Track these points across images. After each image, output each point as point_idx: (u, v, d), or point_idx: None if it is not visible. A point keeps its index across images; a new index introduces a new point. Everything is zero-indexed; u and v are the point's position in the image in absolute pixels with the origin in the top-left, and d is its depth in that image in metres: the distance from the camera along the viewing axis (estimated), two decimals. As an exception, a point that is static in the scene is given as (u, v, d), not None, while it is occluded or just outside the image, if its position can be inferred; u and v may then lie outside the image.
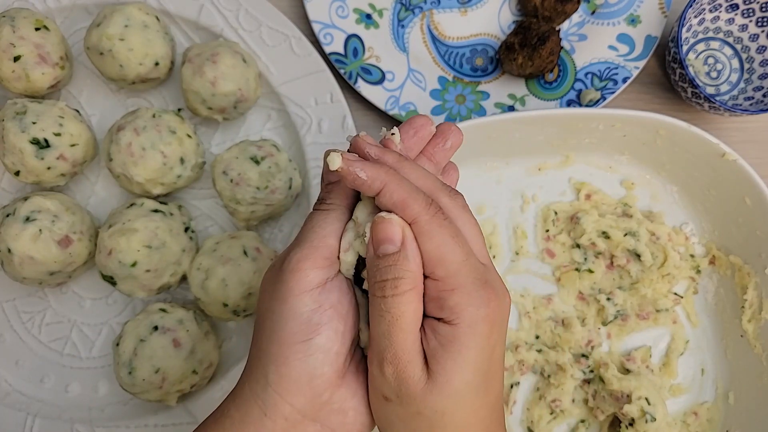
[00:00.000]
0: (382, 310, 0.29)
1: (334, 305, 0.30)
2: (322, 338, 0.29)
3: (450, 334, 0.29)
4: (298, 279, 0.30)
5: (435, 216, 0.30)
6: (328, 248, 0.31)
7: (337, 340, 0.30)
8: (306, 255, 0.31)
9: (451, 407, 0.29)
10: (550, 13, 0.61)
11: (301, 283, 0.30)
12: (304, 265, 0.30)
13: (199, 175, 0.58)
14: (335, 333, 0.30)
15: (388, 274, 0.29)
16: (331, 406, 0.30)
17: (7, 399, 0.56)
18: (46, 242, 0.51)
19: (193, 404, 0.55)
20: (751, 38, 0.64)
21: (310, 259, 0.30)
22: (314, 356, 0.29)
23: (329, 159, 0.30)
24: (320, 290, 0.30)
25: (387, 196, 0.30)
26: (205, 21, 0.59)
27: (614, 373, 0.55)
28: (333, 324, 0.30)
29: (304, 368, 0.29)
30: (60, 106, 0.54)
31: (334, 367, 0.30)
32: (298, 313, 0.30)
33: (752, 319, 0.56)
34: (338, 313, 0.30)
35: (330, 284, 0.31)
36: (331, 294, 0.30)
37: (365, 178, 0.30)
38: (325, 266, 0.31)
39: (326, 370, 0.30)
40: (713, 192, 0.58)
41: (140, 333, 0.51)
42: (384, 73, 0.61)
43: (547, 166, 0.61)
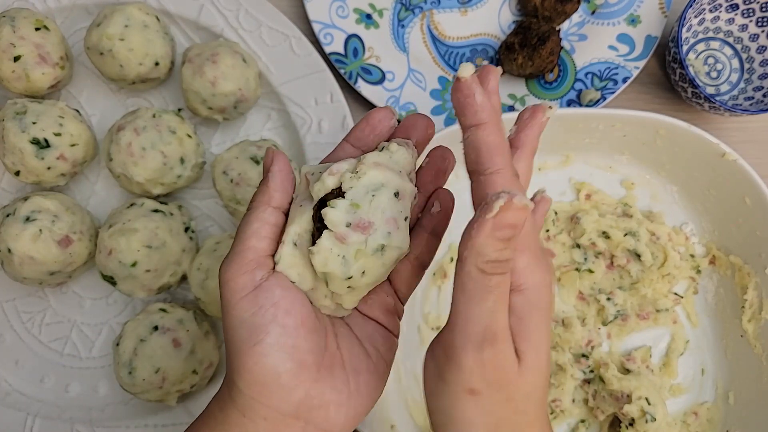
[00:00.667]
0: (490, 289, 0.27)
1: (274, 302, 0.30)
2: (272, 337, 0.29)
3: (523, 305, 0.28)
4: (231, 288, 0.30)
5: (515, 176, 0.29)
6: (252, 250, 0.31)
7: (288, 334, 0.30)
8: (231, 262, 0.31)
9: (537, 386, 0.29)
10: (550, 13, 0.61)
11: (234, 292, 0.30)
12: (232, 274, 0.30)
13: (199, 175, 0.58)
14: (283, 328, 0.30)
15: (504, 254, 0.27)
16: (310, 402, 0.30)
17: (7, 399, 0.56)
18: (46, 242, 0.51)
19: (193, 404, 0.55)
20: (751, 38, 0.64)
21: (235, 266, 0.30)
22: (270, 354, 0.29)
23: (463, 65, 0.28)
24: (255, 293, 0.30)
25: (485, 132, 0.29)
26: (205, 21, 0.59)
27: (614, 373, 0.55)
28: (278, 320, 0.30)
29: (266, 370, 0.29)
30: (60, 106, 0.54)
31: (295, 360, 0.29)
32: (241, 320, 0.30)
33: (752, 319, 0.56)
34: (282, 309, 0.30)
35: (266, 283, 0.30)
36: (269, 292, 0.30)
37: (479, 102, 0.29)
38: (252, 268, 0.30)
39: (289, 365, 0.29)
40: (713, 192, 0.58)
41: (140, 333, 0.51)
42: (384, 73, 0.61)
43: (547, 166, 0.61)
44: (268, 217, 0.32)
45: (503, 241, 0.27)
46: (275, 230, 0.32)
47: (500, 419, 0.29)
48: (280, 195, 0.32)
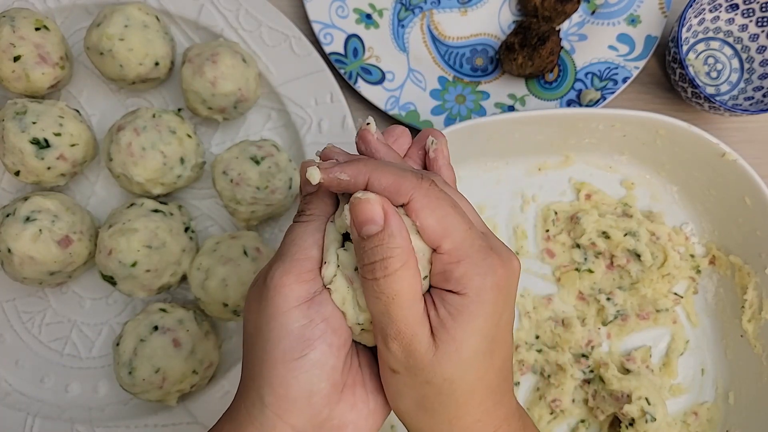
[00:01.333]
0: (376, 292, 0.28)
1: (325, 318, 0.29)
2: (317, 353, 0.29)
3: (459, 304, 0.29)
4: (285, 295, 0.29)
5: (430, 188, 0.29)
6: (311, 260, 0.30)
7: (332, 353, 0.29)
8: (289, 269, 0.30)
9: (460, 374, 0.29)
10: (550, 13, 0.61)
11: (288, 299, 0.29)
12: (288, 280, 0.29)
13: (199, 175, 0.58)
14: (329, 347, 0.29)
15: (375, 255, 0.28)
16: (330, 422, 0.30)
17: (7, 399, 0.56)
18: (46, 242, 0.51)
19: (193, 404, 0.55)
20: (751, 38, 0.64)
21: (294, 273, 0.29)
22: (310, 372, 0.28)
23: (308, 174, 0.29)
24: (309, 304, 0.29)
25: (376, 184, 0.29)
26: (205, 21, 0.59)
27: (614, 373, 0.55)
28: (326, 338, 0.29)
29: (302, 386, 0.28)
30: (60, 106, 0.54)
31: (330, 381, 0.29)
32: (289, 330, 0.29)
33: (752, 319, 0.56)
34: (330, 326, 0.29)
35: (319, 297, 0.30)
36: (322, 307, 0.29)
37: (348, 178, 0.29)
38: (311, 279, 0.30)
39: (323, 385, 0.29)
40: (713, 192, 0.58)
41: (140, 333, 0.51)
42: (384, 73, 0.61)
43: (547, 166, 0.61)
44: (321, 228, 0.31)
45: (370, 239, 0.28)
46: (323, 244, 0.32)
47: (423, 396, 0.30)
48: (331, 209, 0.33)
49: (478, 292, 0.29)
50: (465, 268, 0.29)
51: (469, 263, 0.29)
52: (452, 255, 0.29)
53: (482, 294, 0.29)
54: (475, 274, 0.29)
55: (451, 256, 0.29)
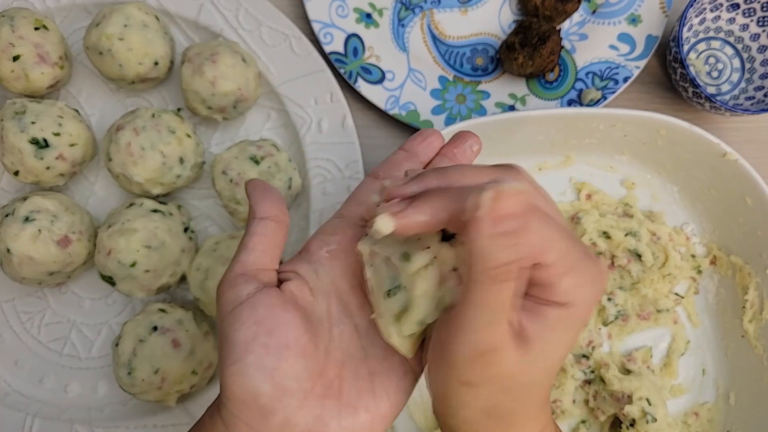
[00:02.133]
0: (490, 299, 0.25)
1: (257, 320, 0.29)
2: (251, 356, 0.28)
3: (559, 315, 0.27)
4: (220, 303, 0.30)
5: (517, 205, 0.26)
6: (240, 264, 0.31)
7: (269, 354, 0.28)
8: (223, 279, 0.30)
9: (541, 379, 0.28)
10: (550, 13, 0.61)
11: (222, 306, 0.30)
12: (222, 289, 0.30)
13: (198, 175, 0.58)
14: (265, 348, 0.28)
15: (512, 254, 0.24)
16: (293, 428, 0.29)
17: (6, 399, 0.56)
18: (46, 242, 0.51)
19: (192, 405, 0.54)
20: (752, 38, 0.63)
21: (225, 281, 0.30)
22: (248, 374, 0.28)
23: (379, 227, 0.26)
24: (241, 307, 0.29)
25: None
26: (205, 20, 0.59)
27: (615, 373, 0.55)
28: (260, 339, 0.28)
29: (244, 389, 0.28)
30: (59, 106, 0.54)
31: (274, 383, 0.28)
32: (224, 335, 0.29)
33: (753, 319, 0.56)
34: (264, 328, 0.29)
35: (251, 300, 0.29)
36: (254, 309, 0.29)
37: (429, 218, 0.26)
38: (239, 283, 0.30)
39: (266, 387, 0.28)
40: (714, 192, 0.58)
41: (139, 333, 0.51)
42: (384, 73, 0.61)
43: (547, 166, 0.60)
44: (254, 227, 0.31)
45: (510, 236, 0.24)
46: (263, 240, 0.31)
47: (495, 405, 0.29)
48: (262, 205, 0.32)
49: (586, 302, 0.27)
50: (573, 278, 0.27)
51: (578, 274, 0.27)
52: (558, 266, 0.26)
53: (589, 304, 0.28)
54: (585, 284, 0.27)
55: (557, 267, 0.26)
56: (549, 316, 0.27)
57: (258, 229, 0.31)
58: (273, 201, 0.33)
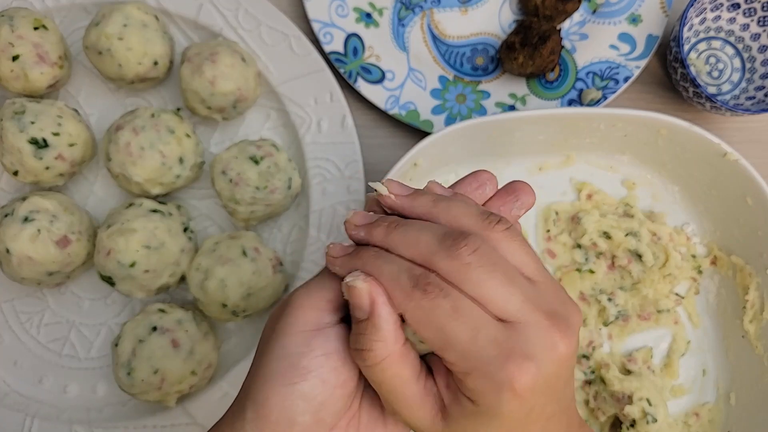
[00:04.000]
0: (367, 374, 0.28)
1: (327, 353, 0.28)
2: (306, 385, 0.27)
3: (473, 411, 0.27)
4: (296, 317, 0.28)
5: (423, 298, 0.26)
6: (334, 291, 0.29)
7: (323, 390, 0.28)
8: (310, 293, 0.29)
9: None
10: (551, 12, 0.60)
11: (298, 322, 0.28)
12: (305, 303, 0.28)
13: (198, 175, 0.58)
14: (323, 383, 0.28)
15: (359, 343, 0.27)
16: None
17: (5, 400, 0.56)
18: (45, 242, 0.51)
19: (192, 405, 0.54)
20: (753, 38, 0.63)
21: (313, 298, 0.29)
22: (294, 403, 0.27)
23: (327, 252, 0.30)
24: (315, 333, 0.28)
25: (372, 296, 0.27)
26: (204, 20, 0.58)
27: (615, 374, 0.55)
28: (322, 373, 0.28)
29: (283, 414, 0.27)
30: (58, 106, 0.54)
31: (315, 417, 0.28)
32: (287, 353, 0.28)
33: (754, 319, 0.56)
34: (330, 363, 0.28)
35: (330, 330, 0.28)
36: (328, 341, 0.28)
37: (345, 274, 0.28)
38: (329, 309, 0.29)
39: (306, 419, 0.27)
40: (715, 192, 0.58)
41: (139, 333, 0.51)
42: (384, 73, 0.61)
43: (547, 166, 0.60)
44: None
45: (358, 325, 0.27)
46: None
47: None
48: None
49: (493, 406, 0.26)
50: (473, 382, 0.26)
51: (478, 377, 0.26)
52: (458, 366, 0.26)
53: (497, 408, 0.26)
54: (487, 389, 0.26)
55: (457, 366, 0.26)
56: (466, 407, 0.27)
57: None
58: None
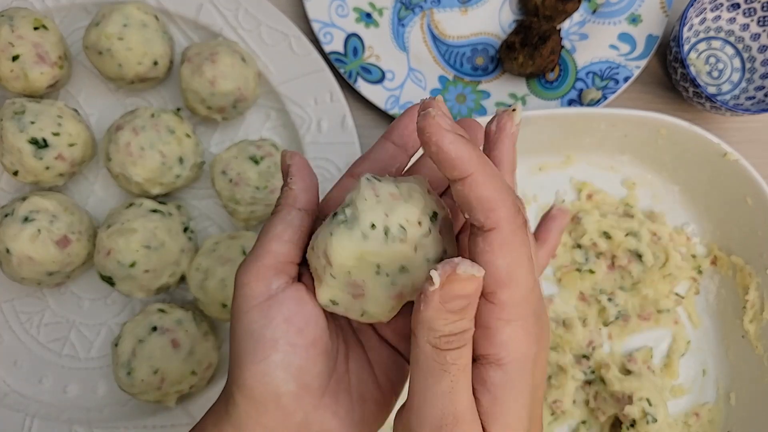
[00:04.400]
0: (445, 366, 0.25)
1: (287, 317, 0.28)
2: (279, 355, 0.27)
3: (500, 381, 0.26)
4: (244, 294, 0.28)
5: (520, 228, 0.25)
6: (271, 255, 0.28)
7: (296, 354, 0.27)
8: (249, 266, 0.28)
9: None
10: (551, 12, 0.60)
11: (248, 298, 0.28)
12: (248, 278, 0.28)
13: (198, 175, 0.58)
14: (293, 347, 0.27)
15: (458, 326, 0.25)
16: (309, 427, 0.28)
17: (5, 400, 0.56)
18: (45, 242, 0.51)
19: (192, 405, 0.54)
20: (753, 38, 0.63)
21: (253, 271, 0.28)
22: (273, 374, 0.27)
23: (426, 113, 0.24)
24: (269, 303, 0.28)
25: (473, 186, 0.24)
26: (204, 20, 0.58)
27: (615, 374, 0.55)
28: (289, 337, 0.27)
29: (266, 388, 0.27)
30: (58, 106, 0.54)
31: (298, 383, 0.27)
32: (249, 330, 0.27)
33: (754, 319, 0.56)
34: (294, 326, 0.28)
35: (281, 295, 0.28)
36: (283, 305, 0.28)
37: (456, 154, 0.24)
38: (270, 275, 0.28)
39: (291, 387, 0.27)
40: (715, 192, 0.58)
41: (139, 333, 0.51)
42: (384, 73, 0.61)
43: (548, 166, 0.60)
44: (292, 219, 0.29)
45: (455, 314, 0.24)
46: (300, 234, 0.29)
47: None
48: (305, 196, 0.30)
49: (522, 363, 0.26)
50: (514, 331, 0.25)
51: (520, 327, 0.25)
52: (505, 311, 0.25)
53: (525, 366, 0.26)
54: (523, 341, 0.25)
55: (503, 311, 0.25)
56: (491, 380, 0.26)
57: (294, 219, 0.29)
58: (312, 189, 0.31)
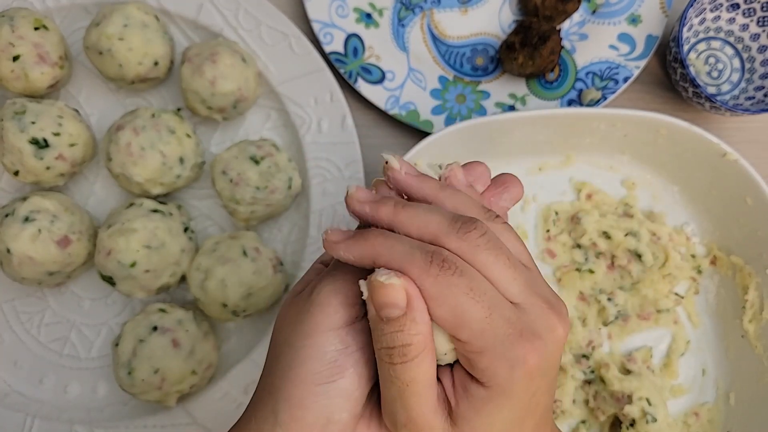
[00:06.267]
0: (392, 377, 0.26)
1: (361, 347, 0.28)
2: (345, 382, 0.27)
3: (483, 396, 0.26)
4: (328, 314, 0.27)
5: (440, 275, 0.26)
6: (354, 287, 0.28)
7: (360, 384, 0.27)
8: (339, 289, 0.28)
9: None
10: (550, 13, 0.61)
11: (331, 319, 0.27)
12: (336, 300, 0.28)
13: (198, 175, 0.58)
14: (359, 378, 0.27)
15: (395, 341, 0.26)
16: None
17: (6, 400, 0.56)
18: (45, 242, 0.51)
19: (192, 405, 0.54)
20: (752, 38, 0.63)
21: (343, 294, 0.28)
22: (334, 401, 0.27)
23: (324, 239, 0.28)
24: (348, 329, 0.28)
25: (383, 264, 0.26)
26: (205, 20, 0.59)
27: (615, 373, 0.55)
28: (358, 368, 0.27)
29: (321, 412, 0.27)
30: (59, 106, 0.54)
31: (352, 413, 0.27)
32: (323, 351, 0.27)
33: (753, 319, 0.56)
34: (365, 356, 0.28)
35: (360, 324, 0.28)
36: (359, 335, 0.28)
37: (353, 258, 0.27)
38: (357, 303, 0.28)
39: (344, 416, 0.27)
40: (714, 192, 0.58)
41: (139, 333, 0.51)
42: (384, 73, 0.61)
43: (547, 166, 0.60)
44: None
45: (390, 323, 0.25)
46: None
47: None
48: None
49: (504, 386, 0.26)
50: (488, 360, 0.26)
51: (492, 355, 0.26)
52: (472, 345, 0.26)
53: (509, 387, 0.26)
54: (500, 366, 0.26)
55: (470, 346, 0.26)
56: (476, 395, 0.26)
57: None
58: None
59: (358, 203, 0.29)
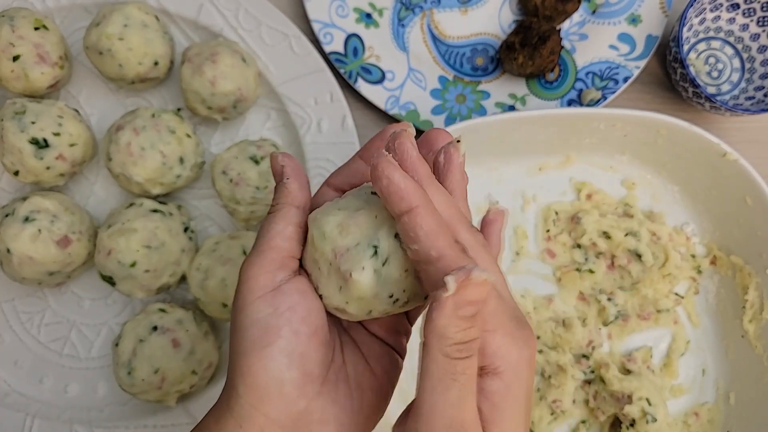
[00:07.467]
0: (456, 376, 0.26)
1: (291, 306, 0.29)
2: (283, 341, 0.28)
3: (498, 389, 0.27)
4: (249, 287, 0.30)
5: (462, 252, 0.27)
6: (275, 250, 0.30)
7: (299, 341, 0.29)
8: (253, 261, 0.30)
9: None
10: (550, 13, 0.61)
11: (254, 290, 0.30)
12: (253, 272, 0.30)
13: (198, 175, 0.58)
14: (296, 335, 0.29)
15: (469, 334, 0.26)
16: (310, 416, 0.29)
17: (6, 400, 0.56)
18: (45, 242, 0.51)
19: (192, 405, 0.54)
20: (752, 38, 0.63)
21: (258, 264, 0.30)
22: (278, 360, 0.28)
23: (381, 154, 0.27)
24: (274, 293, 0.29)
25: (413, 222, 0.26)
26: (205, 20, 0.59)
27: (615, 373, 0.55)
28: (293, 325, 0.29)
29: (271, 375, 0.28)
30: (59, 106, 0.54)
31: (301, 370, 0.29)
32: (255, 319, 0.29)
33: (753, 319, 0.56)
34: (297, 314, 0.29)
35: (285, 286, 0.30)
36: (287, 296, 0.29)
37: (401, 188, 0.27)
38: (274, 269, 0.30)
39: (294, 374, 0.29)
40: (714, 192, 0.58)
41: (139, 333, 0.51)
42: (384, 73, 0.61)
43: (547, 166, 0.60)
44: (292, 217, 0.31)
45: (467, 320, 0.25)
46: (300, 231, 0.31)
47: None
48: (301, 194, 0.33)
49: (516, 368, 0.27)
50: (501, 338, 0.27)
51: (505, 333, 0.27)
52: (486, 323, 0.26)
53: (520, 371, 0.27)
54: (513, 345, 0.27)
55: (485, 323, 0.26)
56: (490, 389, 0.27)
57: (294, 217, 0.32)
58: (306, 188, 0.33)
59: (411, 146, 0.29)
